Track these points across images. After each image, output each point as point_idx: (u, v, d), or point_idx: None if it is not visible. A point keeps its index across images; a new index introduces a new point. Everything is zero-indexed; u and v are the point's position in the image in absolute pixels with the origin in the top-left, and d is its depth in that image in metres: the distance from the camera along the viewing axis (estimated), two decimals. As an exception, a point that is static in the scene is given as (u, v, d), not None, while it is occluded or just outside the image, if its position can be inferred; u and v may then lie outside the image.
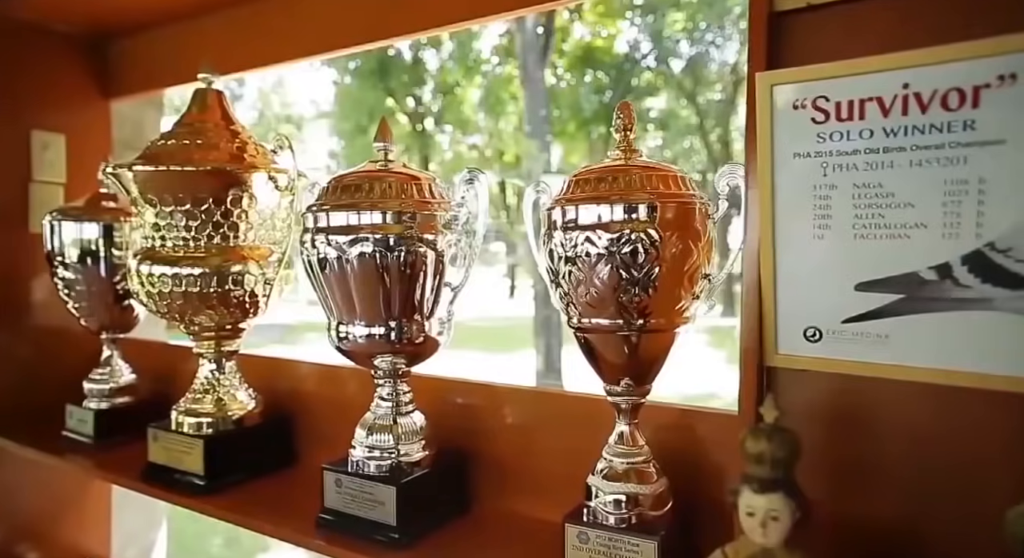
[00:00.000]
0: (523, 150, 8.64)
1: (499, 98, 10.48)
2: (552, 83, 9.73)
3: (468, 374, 1.08)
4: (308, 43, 1.30)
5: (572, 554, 0.74)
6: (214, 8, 1.36)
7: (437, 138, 12.91)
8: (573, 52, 9.79)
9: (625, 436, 0.76)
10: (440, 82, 11.79)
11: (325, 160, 12.88)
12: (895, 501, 0.49)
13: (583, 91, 10.03)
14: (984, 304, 0.48)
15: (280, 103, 15.12)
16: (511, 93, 10.32)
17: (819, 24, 0.56)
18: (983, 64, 0.45)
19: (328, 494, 0.90)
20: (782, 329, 0.57)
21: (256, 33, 1.34)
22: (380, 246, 0.81)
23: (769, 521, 0.46)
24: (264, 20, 1.33)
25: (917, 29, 0.51)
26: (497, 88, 10.50)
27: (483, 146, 12.44)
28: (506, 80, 10.32)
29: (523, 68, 8.13)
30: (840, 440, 0.57)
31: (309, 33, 1.29)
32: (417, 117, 12.45)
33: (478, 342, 8.67)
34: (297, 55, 1.34)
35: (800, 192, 0.54)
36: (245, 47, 1.37)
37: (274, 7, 1.31)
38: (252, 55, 1.37)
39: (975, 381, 0.50)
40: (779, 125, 0.53)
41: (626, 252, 0.68)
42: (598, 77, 10.16)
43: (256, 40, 1.35)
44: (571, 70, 10.03)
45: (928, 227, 0.49)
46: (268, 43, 1.34)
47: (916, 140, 0.48)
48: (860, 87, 0.49)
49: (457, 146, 12.80)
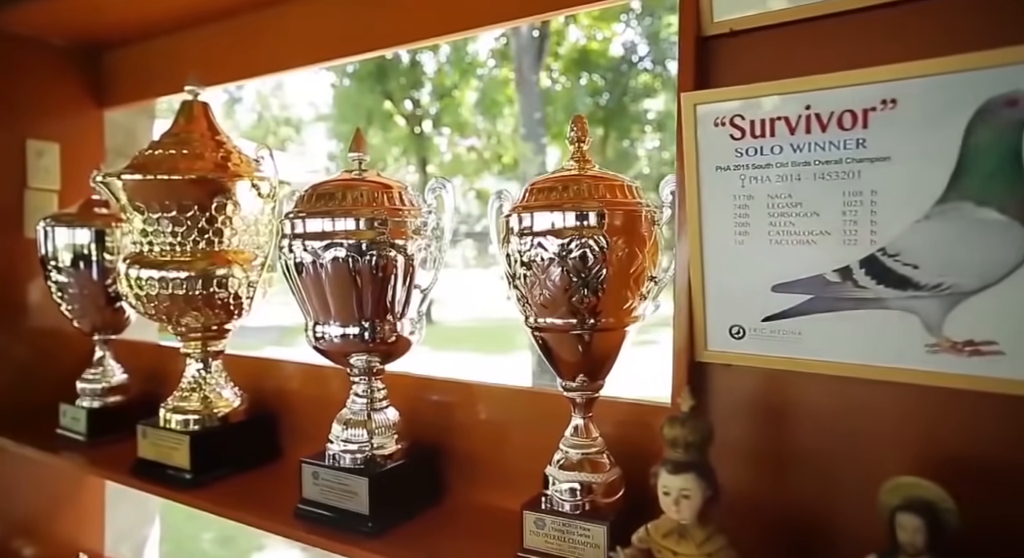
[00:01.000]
0: (519, 153, 8.70)
1: (495, 101, 10.53)
2: (548, 86, 9.78)
3: (465, 375, 1.12)
4: (295, 54, 1.35)
5: (529, 539, 0.79)
6: (202, 22, 1.41)
7: (435, 140, 12.96)
8: (569, 55, 9.85)
9: (580, 428, 0.81)
10: (437, 85, 11.84)
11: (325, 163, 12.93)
12: (808, 483, 0.54)
13: (578, 93, 10.09)
14: (879, 303, 0.53)
15: (279, 106, 15.18)
16: (507, 96, 10.37)
17: (741, 48, 0.61)
18: (869, 89, 0.50)
19: (306, 486, 0.95)
20: (710, 327, 0.62)
21: (243, 45, 1.39)
22: (353, 251, 0.86)
23: (681, 499, 0.51)
24: (251, 32, 1.38)
25: (825, 55, 0.56)
26: (492, 91, 10.56)
27: (481, 148, 12.49)
28: (502, 83, 10.38)
29: (518, 71, 8.19)
30: (764, 429, 0.62)
31: (296, 45, 1.33)
32: (415, 120, 12.50)
33: (475, 343, 8.72)
34: (284, 66, 1.39)
35: (722, 202, 0.59)
36: (233, 58, 1.42)
37: (260, 20, 1.36)
38: (240, 66, 1.42)
39: (872, 372, 0.55)
40: (702, 141, 0.58)
41: (576, 256, 0.73)
42: (594, 80, 10.22)
43: (243, 52, 1.40)
44: (566, 73, 10.09)
45: (831, 234, 0.54)
46: (255, 54, 1.39)
47: (818, 155, 0.53)
48: (770, 107, 0.54)
49: (456, 148, 12.84)
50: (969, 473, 0.52)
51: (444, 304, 10.02)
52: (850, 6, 0.54)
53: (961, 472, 0.52)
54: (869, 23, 0.54)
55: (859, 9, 0.54)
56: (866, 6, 0.54)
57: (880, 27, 0.54)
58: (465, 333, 8.80)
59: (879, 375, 0.55)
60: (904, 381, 0.54)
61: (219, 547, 3.58)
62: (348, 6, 1.24)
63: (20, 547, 1.52)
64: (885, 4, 0.53)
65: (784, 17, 0.57)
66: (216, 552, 3.53)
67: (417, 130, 12.51)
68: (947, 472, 0.53)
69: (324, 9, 1.27)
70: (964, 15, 0.52)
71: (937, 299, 0.51)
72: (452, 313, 9.81)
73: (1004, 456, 0.52)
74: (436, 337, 8.50)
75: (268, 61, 1.39)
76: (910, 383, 0.53)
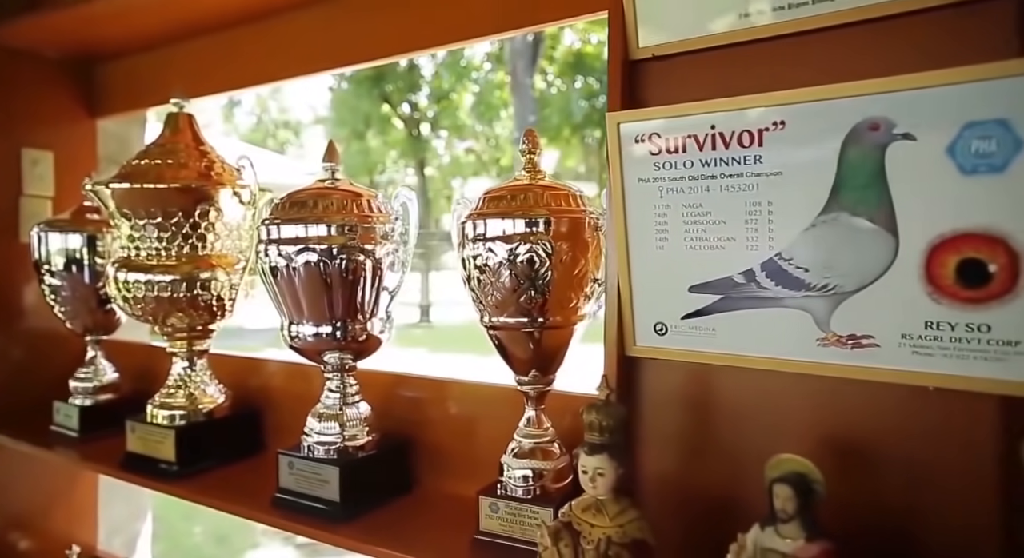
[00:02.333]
0: (514, 155, 8.76)
1: (490, 104, 10.60)
2: (543, 89, 9.84)
3: (463, 375, 1.18)
4: (279, 67, 1.41)
5: (485, 523, 0.85)
6: (190, 36, 1.47)
7: (433, 143, 13.01)
8: (563, 58, 9.91)
9: (532, 420, 0.88)
10: (435, 88, 11.90)
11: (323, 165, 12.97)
12: (722, 465, 0.60)
13: (573, 97, 10.16)
14: (778, 302, 0.60)
15: (278, 109, 15.24)
16: (503, 99, 10.44)
17: (662, 72, 0.67)
18: (763, 112, 0.56)
19: (283, 475, 1.01)
20: (637, 324, 0.68)
21: (230, 58, 1.45)
22: (324, 255, 0.92)
23: (597, 477, 0.57)
24: (237, 46, 1.44)
25: (730, 79, 0.62)
26: (487, 94, 10.63)
27: (480, 151, 12.54)
28: (497, 86, 10.44)
29: (513, 75, 8.26)
30: (686, 417, 0.68)
31: (280, 57, 1.39)
32: (413, 123, 12.55)
33: (472, 345, 8.76)
34: (268, 78, 1.46)
35: (644, 211, 0.65)
36: (220, 70, 1.48)
37: (246, 34, 1.42)
38: (227, 78, 1.49)
39: (774, 364, 0.61)
40: (626, 156, 0.64)
41: (523, 260, 0.79)
42: (589, 83, 10.29)
43: (230, 64, 1.46)
44: (561, 76, 10.16)
45: (736, 240, 0.60)
46: (241, 67, 1.45)
47: (723, 170, 0.59)
48: (681, 126, 0.60)
49: (454, 151, 12.89)
50: (852, 452, 0.59)
51: (442, 306, 10.08)
52: (749, 37, 0.61)
53: (846, 451, 0.59)
54: (765, 52, 0.61)
55: (757, 40, 0.61)
56: (762, 37, 0.60)
57: (773, 56, 0.60)
58: (463, 334, 8.86)
59: (779, 366, 0.61)
60: (800, 372, 0.60)
61: (214, 546, 3.63)
62: (329, 21, 1.30)
63: (15, 541, 1.58)
64: (778, 36, 0.59)
65: (696, 45, 0.64)
66: (211, 551, 3.59)
67: (415, 133, 12.56)
68: (834, 451, 0.59)
69: (307, 23, 1.33)
70: (841, 48, 0.58)
71: (824, 298, 0.57)
72: (451, 315, 9.87)
73: (880, 438, 0.58)
74: (435, 339, 8.55)
75: (253, 73, 1.45)
76: (805, 373, 0.60)
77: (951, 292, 0.52)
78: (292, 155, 13.96)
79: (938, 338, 0.53)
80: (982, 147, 0.49)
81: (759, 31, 0.60)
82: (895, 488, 0.56)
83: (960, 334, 0.52)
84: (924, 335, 0.54)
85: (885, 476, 0.57)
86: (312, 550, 3.56)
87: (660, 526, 0.68)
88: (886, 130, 0.52)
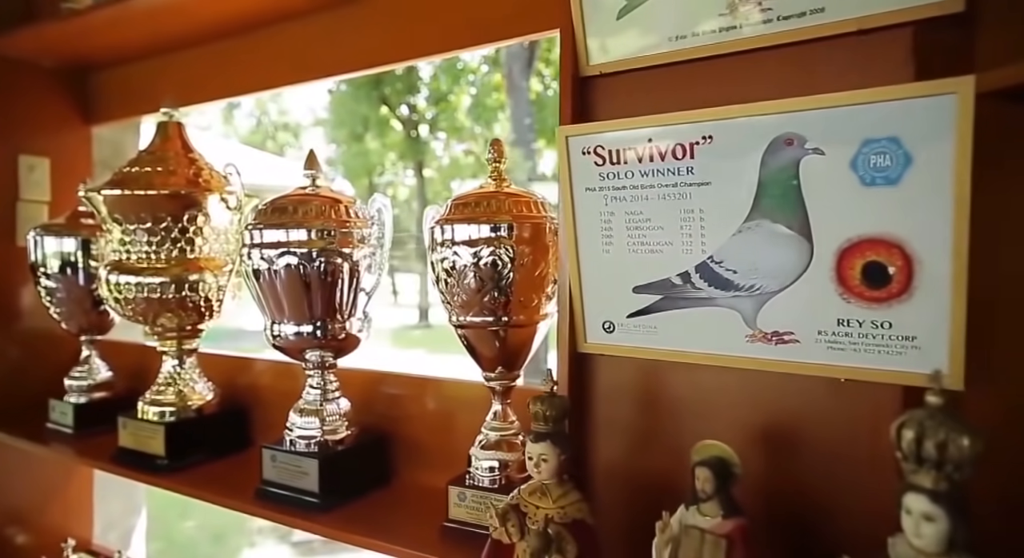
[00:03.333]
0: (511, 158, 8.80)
1: (486, 106, 10.65)
2: (539, 91, 9.89)
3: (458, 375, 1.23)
4: (270, 76, 1.45)
5: (453, 510, 0.90)
6: (181, 46, 1.52)
7: (432, 145, 13.04)
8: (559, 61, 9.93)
9: (498, 413, 0.93)
10: (433, 90, 11.93)
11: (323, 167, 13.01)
12: (665, 453, 0.65)
13: (570, 99, 10.16)
14: (711, 302, 0.65)
15: (278, 111, 15.28)
16: (499, 101, 10.48)
17: (611, 88, 0.72)
18: (692, 127, 0.61)
19: (266, 468, 1.06)
20: (588, 323, 0.73)
21: (219, 67, 1.51)
22: (304, 258, 0.98)
23: (541, 462, 0.62)
24: (226, 56, 1.49)
25: (665, 96, 0.67)
26: (484, 96, 10.67)
27: (479, 153, 12.57)
28: (494, 88, 10.49)
29: (508, 77, 8.30)
30: (634, 408, 0.74)
31: (270, 67, 1.44)
32: (411, 124, 12.58)
33: (468, 346, 8.78)
34: (255, 88, 1.51)
35: (591, 217, 0.70)
36: (210, 79, 1.54)
37: (237, 45, 1.47)
38: (217, 87, 1.54)
39: (709, 359, 0.66)
40: (574, 166, 0.69)
41: (487, 263, 0.84)
42: (585, 85, 10.30)
43: (220, 74, 1.51)
44: (557, 78, 10.18)
45: (673, 244, 0.65)
46: (230, 76, 1.50)
47: (660, 180, 0.64)
48: (621, 139, 0.66)
49: (452, 153, 12.92)
50: (777, 438, 0.64)
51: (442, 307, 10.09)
52: (684, 58, 0.66)
53: (772, 437, 0.64)
54: (698, 72, 0.66)
55: (691, 60, 0.66)
56: (695, 58, 0.65)
57: (705, 76, 0.65)
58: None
59: (714, 361, 0.66)
60: (732, 366, 0.65)
61: (210, 545, 3.68)
62: (312, 34, 1.35)
63: (13, 535, 1.63)
64: (709, 57, 0.65)
65: (638, 64, 0.69)
66: (207, 550, 3.63)
67: (413, 135, 12.58)
68: (762, 438, 0.64)
69: (294, 35, 1.38)
70: (763, 69, 0.63)
71: (751, 298, 0.62)
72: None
73: (801, 425, 0.63)
74: (434, 340, 8.58)
75: (244, 83, 1.50)
76: (736, 367, 0.65)
77: (858, 292, 0.57)
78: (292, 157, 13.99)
79: (848, 334, 0.58)
80: (879, 162, 0.54)
81: (692, 52, 0.66)
82: (813, 470, 0.62)
83: (867, 330, 0.57)
84: (836, 331, 0.59)
85: (805, 459, 0.62)
86: (307, 549, 3.61)
87: (610, 508, 0.74)
88: (799, 145, 0.57)
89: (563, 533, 0.59)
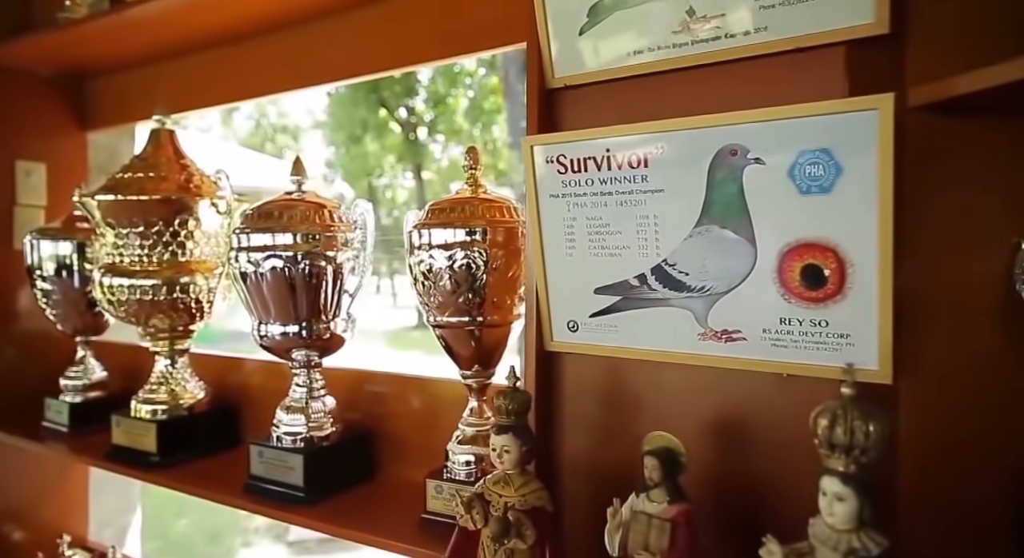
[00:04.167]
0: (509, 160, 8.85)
1: (483, 109, 10.69)
2: (537, 94, 9.90)
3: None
4: (262, 83, 1.50)
5: (431, 503, 0.94)
6: (177, 54, 1.57)
7: (430, 147, 13.06)
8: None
9: (475, 410, 0.96)
10: (431, 92, 11.96)
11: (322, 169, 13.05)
12: (626, 445, 0.69)
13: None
14: (666, 302, 0.69)
15: (277, 113, 15.30)
16: (496, 104, 10.52)
17: (575, 100, 0.76)
18: (646, 138, 0.65)
19: (254, 464, 1.10)
20: (554, 322, 0.77)
21: (214, 75, 1.55)
22: (289, 261, 1.01)
23: (503, 453, 0.66)
24: (222, 63, 1.53)
25: (624, 108, 0.71)
26: (481, 99, 10.71)
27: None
28: (492, 91, 10.53)
29: (504, 80, 8.33)
30: (597, 404, 0.77)
31: (262, 74, 1.48)
32: (410, 127, 12.61)
33: (465, 348, 8.80)
34: (252, 94, 1.56)
35: (556, 223, 0.74)
36: (205, 86, 1.58)
37: (230, 53, 1.51)
38: (212, 93, 1.58)
39: (665, 357, 0.70)
40: (539, 174, 0.73)
41: (461, 266, 0.88)
42: (582, 88, 10.33)
43: (215, 81, 1.56)
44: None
45: (630, 248, 0.69)
46: (226, 83, 1.54)
47: (617, 187, 0.68)
48: (582, 149, 0.70)
49: (451, 155, 12.93)
50: (727, 430, 0.68)
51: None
52: (641, 72, 0.70)
53: (722, 429, 0.68)
54: (653, 85, 0.70)
55: (647, 74, 0.70)
56: (651, 72, 0.69)
57: (660, 88, 0.69)
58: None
59: (669, 358, 0.70)
60: (686, 363, 0.69)
61: (206, 545, 3.71)
62: (298, 45, 1.39)
63: (10, 532, 1.66)
64: (664, 72, 0.69)
65: (599, 77, 0.73)
66: (203, 549, 3.66)
67: (412, 137, 12.61)
68: (714, 430, 0.68)
69: (285, 44, 1.42)
70: (711, 83, 0.67)
71: (702, 299, 0.66)
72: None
73: (748, 418, 0.67)
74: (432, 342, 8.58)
75: (237, 90, 1.55)
76: (690, 364, 0.69)
77: (798, 293, 0.61)
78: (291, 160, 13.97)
79: (790, 332, 0.62)
80: (813, 171, 0.57)
81: (649, 67, 0.69)
82: (761, 458, 0.65)
83: (806, 329, 0.61)
84: (779, 330, 0.63)
85: (753, 449, 0.66)
86: (302, 548, 3.65)
87: (576, 499, 0.78)
88: (742, 155, 0.61)
89: (522, 519, 0.62)
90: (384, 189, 13.01)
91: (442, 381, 1.20)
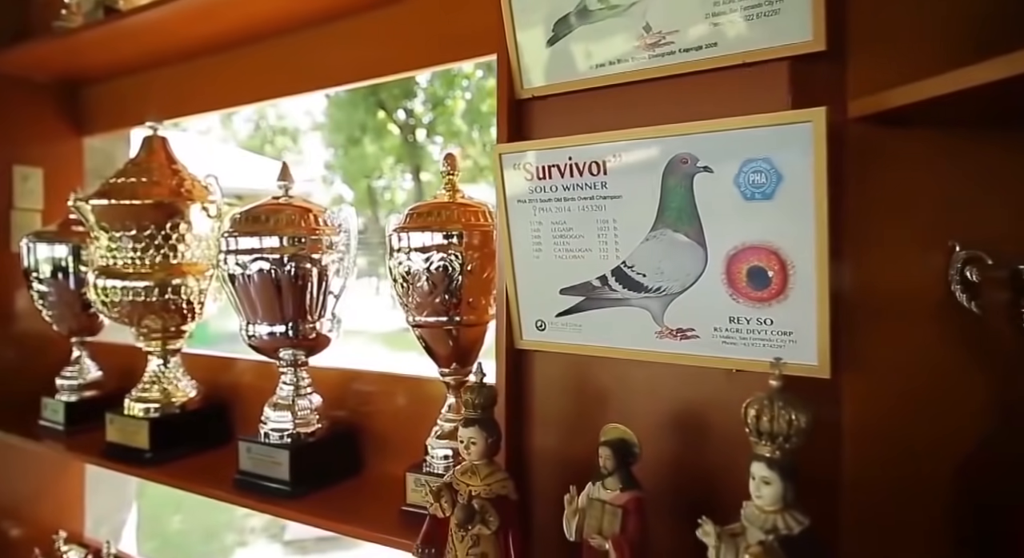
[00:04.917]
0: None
1: (480, 111, 10.73)
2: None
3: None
4: (256, 89, 1.54)
5: (411, 496, 0.98)
6: (171, 61, 1.61)
7: (429, 149, 13.09)
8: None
9: (453, 406, 1.00)
10: (430, 94, 11.99)
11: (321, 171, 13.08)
12: (591, 441, 0.72)
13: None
14: (625, 302, 0.72)
15: (276, 115, 15.33)
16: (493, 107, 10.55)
17: (542, 110, 0.80)
18: (604, 146, 0.69)
19: (242, 459, 1.13)
20: (523, 322, 0.81)
21: (208, 81, 1.59)
22: (275, 264, 1.05)
23: (470, 445, 0.69)
24: (215, 70, 1.57)
25: (584, 118, 0.75)
26: (478, 101, 10.76)
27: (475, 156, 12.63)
28: (488, 93, 10.57)
29: (502, 83, 8.38)
30: (565, 400, 0.81)
31: (255, 81, 1.52)
32: (408, 129, 12.64)
33: (463, 349, 8.84)
34: (247, 100, 1.60)
35: (523, 226, 0.78)
36: (198, 93, 1.62)
37: (223, 60, 1.55)
38: (206, 99, 1.62)
39: (626, 354, 0.73)
40: (508, 180, 0.77)
41: (438, 268, 0.92)
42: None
43: (208, 87, 1.60)
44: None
45: (592, 251, 0.73)
46: (219, 89, 1.58)
47: (579, 193, 0.72)
48: (546, 157, 0.73)
49: (449, 157, 12.92)
50: (683, 423, 0.71)
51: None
52: (602, 84, 0.74)
53: (679, 423, 0.72)
54: (613, 96, 0.73)
55: (608, 86, 0.73)
56: (612, 84, 0.73)
57: (620, 99, 0.73)
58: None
59: (630, 356, 0.73)
60: (645, 360, 0.72)
61: (202, 544, 3.74)
62: (288, 52, 1.43)
63: (7, 528, 1.70)
64: (623, 84, 0.72)
65: (564, 88, 0.76)
66: (199, 549, 3.70)
67: (411, 139, 12.64)
68: (671, 423, 0.72)
69: (271, 53, 1.46)
70: (664, 95, 0.71)
71: (659, 299, 0.70)
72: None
73: (702, 411, 0.71)
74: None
75: (230, 96, 1.59)
76: (649, 361, 0.72)
77: (745, 293, 0.65)
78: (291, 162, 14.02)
79: (739, 330, 0.66)
80: (756, 179, 0.61)
81: (610, 79, 0.73)
82: (712, 449, 0.69)
83: (753, 327, 0.65)
84: (728, 328, 0.66)
85: (706, 440, 0.70)
86: (299, 547, 3.68)
87: (544, 491, 0.82)
88: (692, 163, 0.64)
89: (487, 506, 0.66)
90: (383, 191, 13.04)
91: (425, 379, 1.24)
